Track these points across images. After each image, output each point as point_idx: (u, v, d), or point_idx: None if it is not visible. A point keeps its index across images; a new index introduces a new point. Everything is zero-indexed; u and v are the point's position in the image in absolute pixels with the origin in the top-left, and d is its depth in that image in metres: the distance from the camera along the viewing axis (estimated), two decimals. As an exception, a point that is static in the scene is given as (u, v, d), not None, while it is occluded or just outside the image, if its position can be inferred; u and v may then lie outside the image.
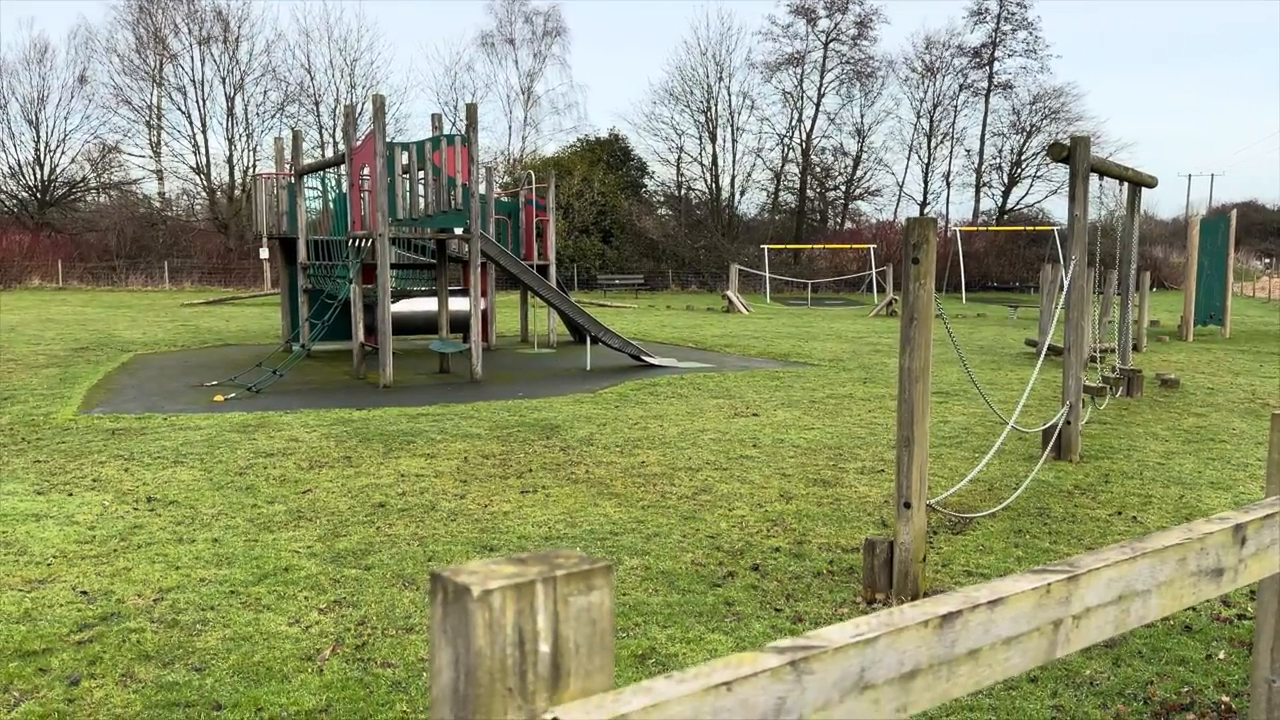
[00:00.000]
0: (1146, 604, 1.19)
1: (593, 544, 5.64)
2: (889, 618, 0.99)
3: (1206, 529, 1.27)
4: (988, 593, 1.05)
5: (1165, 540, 1.22)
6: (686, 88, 49.86)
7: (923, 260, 4.64)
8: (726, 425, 9.65)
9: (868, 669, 0.93)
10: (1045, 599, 1.08)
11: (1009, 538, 5.89)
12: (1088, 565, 1.13)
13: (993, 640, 1.04)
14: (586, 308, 30.19)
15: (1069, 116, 50.86)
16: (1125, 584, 1.16)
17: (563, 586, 0.79)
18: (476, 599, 0.75)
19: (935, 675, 0.99)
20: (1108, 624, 1.16)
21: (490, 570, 0.79)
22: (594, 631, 0.81)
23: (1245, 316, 27.99)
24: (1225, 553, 1.29)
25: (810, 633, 0.95)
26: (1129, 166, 9.69)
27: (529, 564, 0.82)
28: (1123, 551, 1.18)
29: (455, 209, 12.28)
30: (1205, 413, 10.51)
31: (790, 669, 0.88)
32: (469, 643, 0.75)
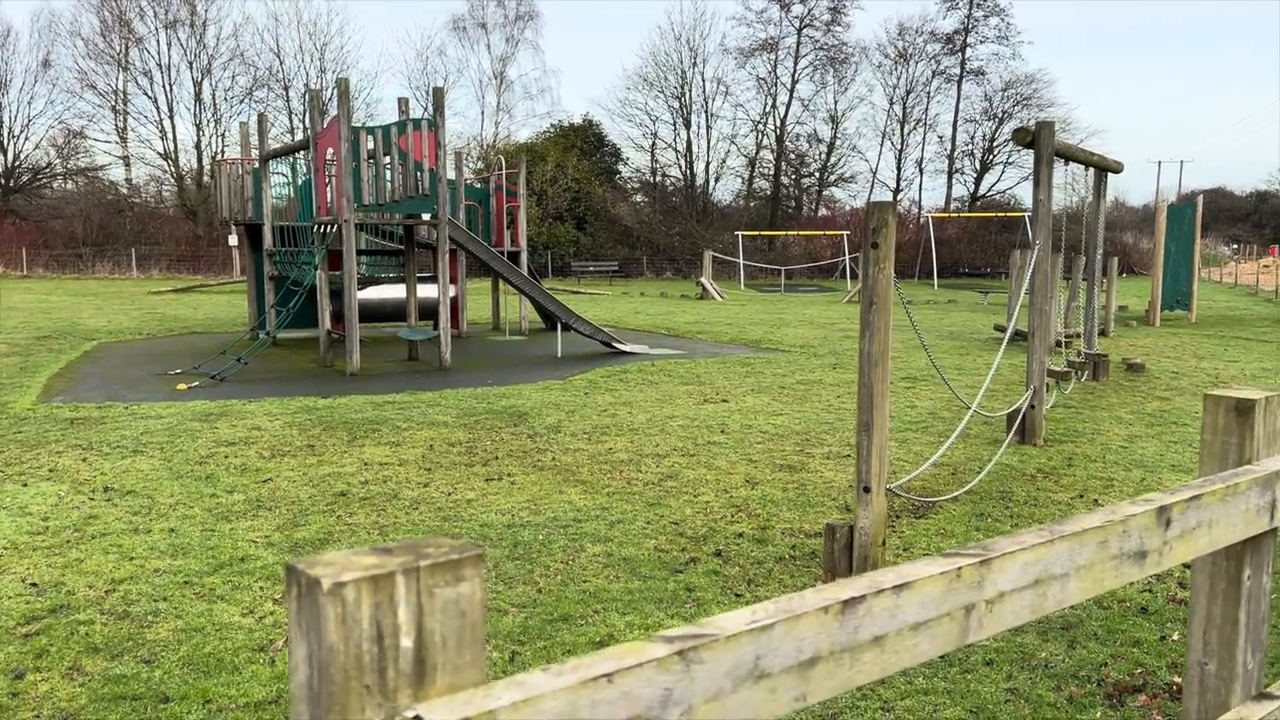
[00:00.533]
0: (1065, 588, 1.17)
1: (556, 531, 5.60)
2: (788, 603, 0.95)
3: (1129, 511, 1.25)
4: (894, 577, 1.02)
5: (1086, 523, 1.20)
6: (660, 73, 49.73)
7: (882, 244, 4.63)
8: (695, 411, 9.63)
9: (763, 657, 0.90)
10: (956, 583, 1.06)
11: (970, 521, 5.92)
12: (1002, 549, 1.10)
13: (899, 626, 1.01)
14: (560, 295, 30.09)
15: (1040, 103, 51.18)
16: (1042, 568, 1.14)
17: (427, 577, 0.75)
18: (327, 592, 0.71)
19: (837, 663, 0.96)
20: (1024, 608, 1.13)
21: (348, 561, 0.75)
22: (463, 624, 0.77)
23: (1212, 301, 28.33)
24: (1149, 535, 1.27)
25: (704, 620, 0.92)
26: (1095, 152, 9.73)
27: (394, 554, 0.78)
28: (1040, 535, 1.16)
29: (423, 194, 12.15)
30: (1169, 396, 10.61)
31: (678, 659, 0.85)
32: (321, 638, 0.71)
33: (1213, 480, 1.41)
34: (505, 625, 4.22)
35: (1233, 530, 1.42)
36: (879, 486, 4.73)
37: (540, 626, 4.21)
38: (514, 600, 4.52)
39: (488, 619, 4.29)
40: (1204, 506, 1.36)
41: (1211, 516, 1.38)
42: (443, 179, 12.02)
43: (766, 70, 51.20)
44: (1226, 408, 1.55)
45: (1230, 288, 37.70)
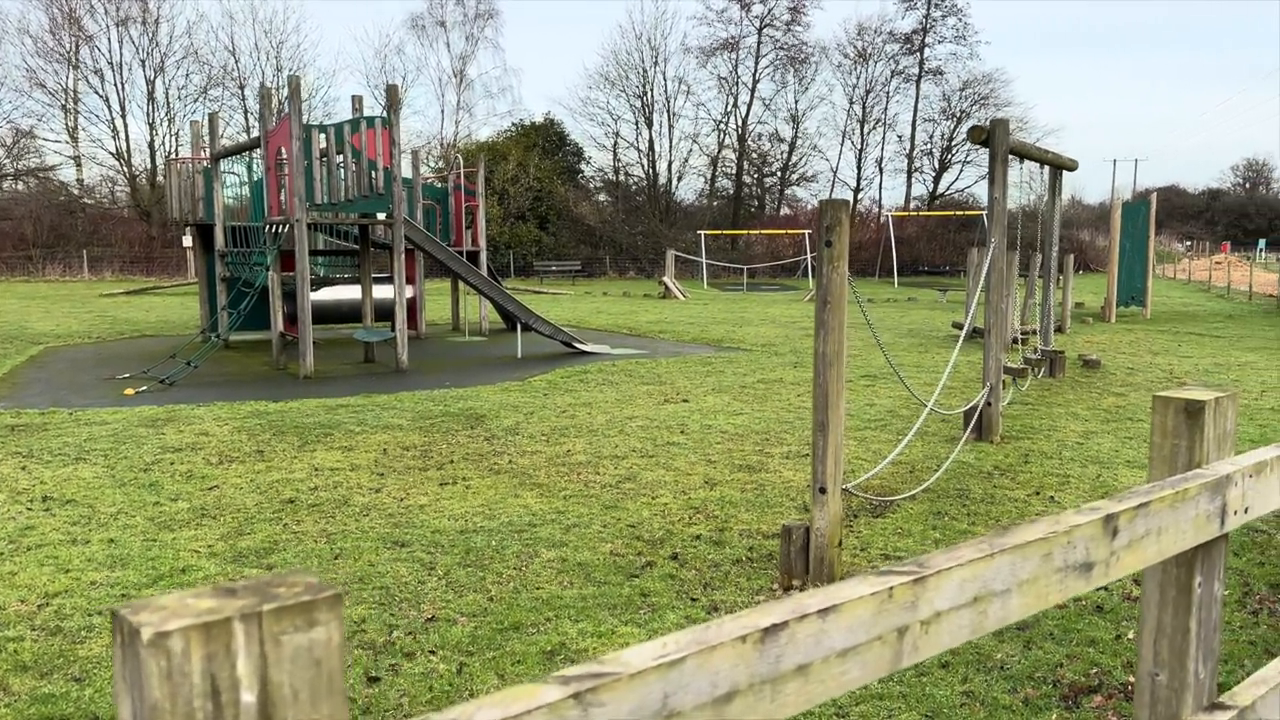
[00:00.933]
0: (1006, 605, 1.10)
1: (510, 536, 5.49)
2: (702, 633, 0.87)
3: (1074, 520, 1.18)
4: (821, 599, 0.95)
5: (1027, 534, 1.13)
6: (622, 72, 49.63)
7: (836, 243, 4.58)
8: (655, 412, 9.56)
9: (672, 695, 0.82)
10: (888, 604, 0.98)
11: (928, 520, 5.89)
12: (938, 565, 1.03)
13: (826, 653, 0.94)
14: (522, 295, 29.87)
15: (998, 102, 51.75)
16: (981, 584, 1.07)
17: (273, 623, 0.66)
18: (148, 643, 0.61)
19: (757, 696, 0.88)
20: (962, 628, 1.06)
21: (181, 605, 0.65)
22: (317, 674, 0.68)
23: (1167, 297, 28.78)
24: (1095, 545, 1.20)
25: (607, 656, 0.83)
26: (1050, 150, 9.79)
27: (237, 595, 0.68)
28: (979, 548, 1.09)
29: (377, 193, 11.96)
30: (1125, 392, 10.72)
31: (574, 702, 0.76)
32: (144, 696, 0.62)
33: (1162, 486, 1.35)
34: (454, 635, 4.11)
35: (1183, 537, 1.36)
36: (835, 487, 4.68)
37: (490, 636, 4.10)
38: (464, 609, 4.41)
39: (437, 629, 4.18)
40: (1152, 514, 1.30)
41: (1160, 524, 1.32)
42: (397, 178, 11.84)
43: (728, 70, 51.34)
44: (1176, 409, 1.50)
45: (1184, 284, 38.37)
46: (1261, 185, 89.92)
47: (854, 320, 20.90)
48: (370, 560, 5.09)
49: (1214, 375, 11.98)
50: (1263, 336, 17.04)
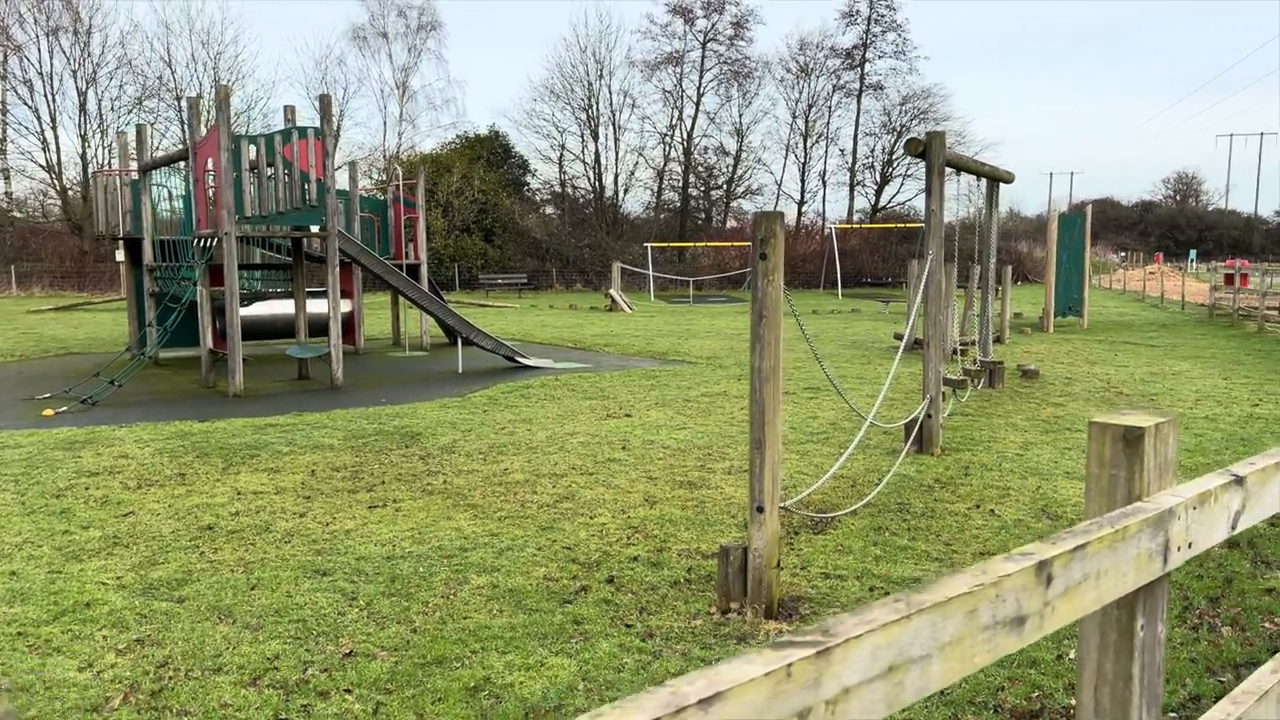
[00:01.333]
0: (926, 673, 0.96)
1: (439, 562, 5.27)
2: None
3: (1003, 570, 1.05)
4: (703, 685, 0.79)
5: (949, 589, 0.99)
6: (567, 85, 49.48)
7: (771, 256, 4.46)
8: (597, 427, 9.39)
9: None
10: (785, 685, 0.83)
11: (869, 536, 5.80)
12: (846, 632, 0.88)
13: (708, 754, 0.77)
14: (467, 308, 29.50)
15: (937, 116, 52.59)
16: (897, 651, 0.92)
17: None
18: None
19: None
20: (875, 704, 0.91)
21: None
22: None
23: (1103, 307, 29.37)
24: (1027, 597, 1.07)
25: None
26: (987, 163, 9.84)
27: None
28: (894, 609, 0.94)
29: (310, 206, 11.64)
30: (1063, 402, 10.80)
31: None
32: None
33: (1100, 524, 1.22)
34: (373, 671, 3.89)
35: (1123, 580, 1.24)
36: (772, 506, 4.55)
37: (411, 671, 3.89)
38: (385, 642, 4.19)
39: (354, 665, 3.95)
40: (1090, 557, 1.17)
41: (1099, 567, 1.19)
42: (331, 189, 11.53)
43: (672, 83, 51.48)
44: (1114, 437, 1.38)
45: (1119, 294, 39.25)
46: (1191, 198, 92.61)
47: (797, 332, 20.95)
48: (289, 591, 4.84)
49: (1149, 384, 12.15)
50: (1195, 345, 17.40)
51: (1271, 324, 20.19)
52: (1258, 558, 5.37)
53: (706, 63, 51.32)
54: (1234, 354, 15.89)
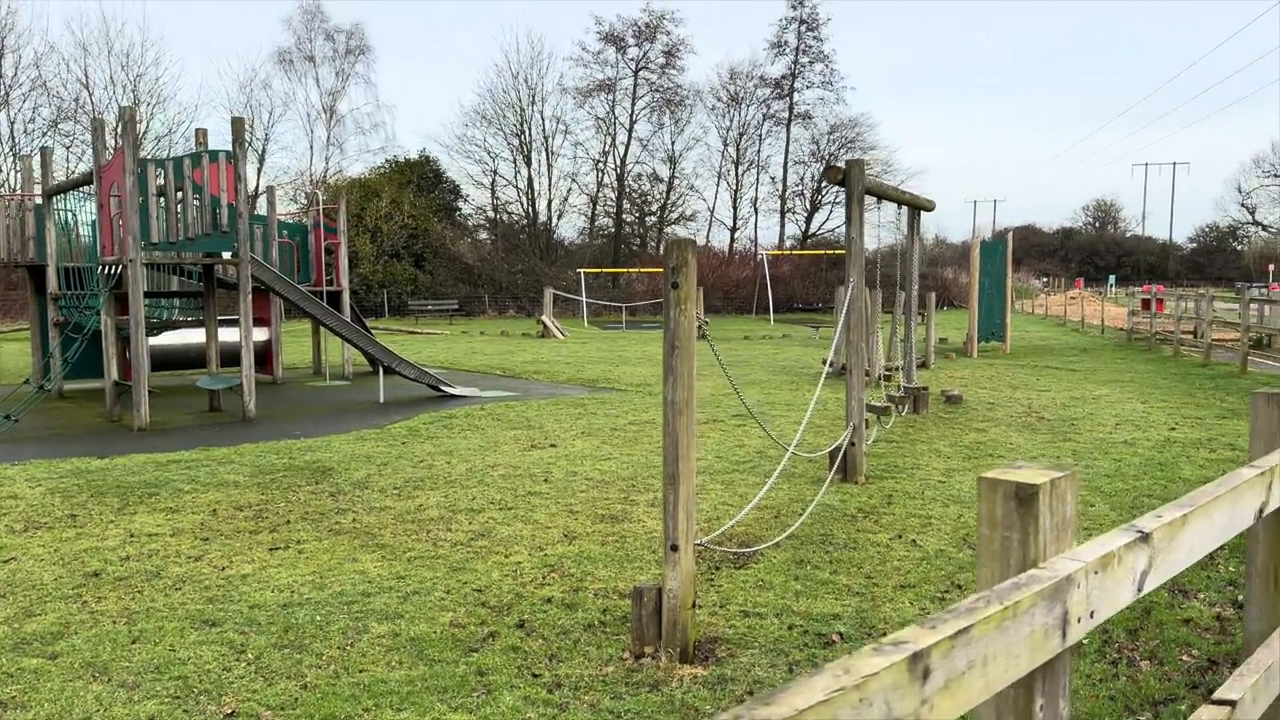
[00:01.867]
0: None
1: (338, 609, 4.98)
2: None
3: (869, 667, 0.88)
4: None
5: (800, 698, 0.82)
6: (499, 110, 49.31)
7: (683, 284, 4.32)
8: (520, 459, 9.14)
9: None
10: None
11: (790, 569, 5.66)
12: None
13: None
14: (396, 335, 28.95)
15: (864, 145, 53.65)
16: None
17: None
18: None
19: None
20: None
21: None
22: None
23: (1025, 332, 30.03)
24: (899, 697, 0.91)
25: None
26: (908, 191, 9.91)
27: None
28: (732, 733, 0.77)
29: (221, 231, 11.22)
30: (985, 428, 10.87)
31: None
32: None
33: (987, 600, 1.07)
34: (255, 734, 3.60)
35: (1015, 663, 1.09)
36: (687, 544, 4.38)
37: (297, 733, 3.61)
38: (271, 700, 3.90)
39: (235, 727, 3.66)
40: (975, 641, 1.02)
41: (986, 652, 1.04)
42: (243, 214, 11.14)
43: (605, 110, 51.69)
44: (1005, 495, 1.24)
45: (1041, 319, 40.24)
46: (1110, 224, 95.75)
47: (732, 359, 20.90)
48: (173, 644, 4.51)
49: (1070, 409, 12.33)
50: (1114, 369, 17.80)
51: (1187, 347, 20.80)
52: (1175, 587, 5.36)
53: (639, 90, 51.72)
54: (1151, 378, 16.28)
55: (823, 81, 53.70)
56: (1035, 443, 9.89)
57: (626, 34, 50.97)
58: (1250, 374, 16.55)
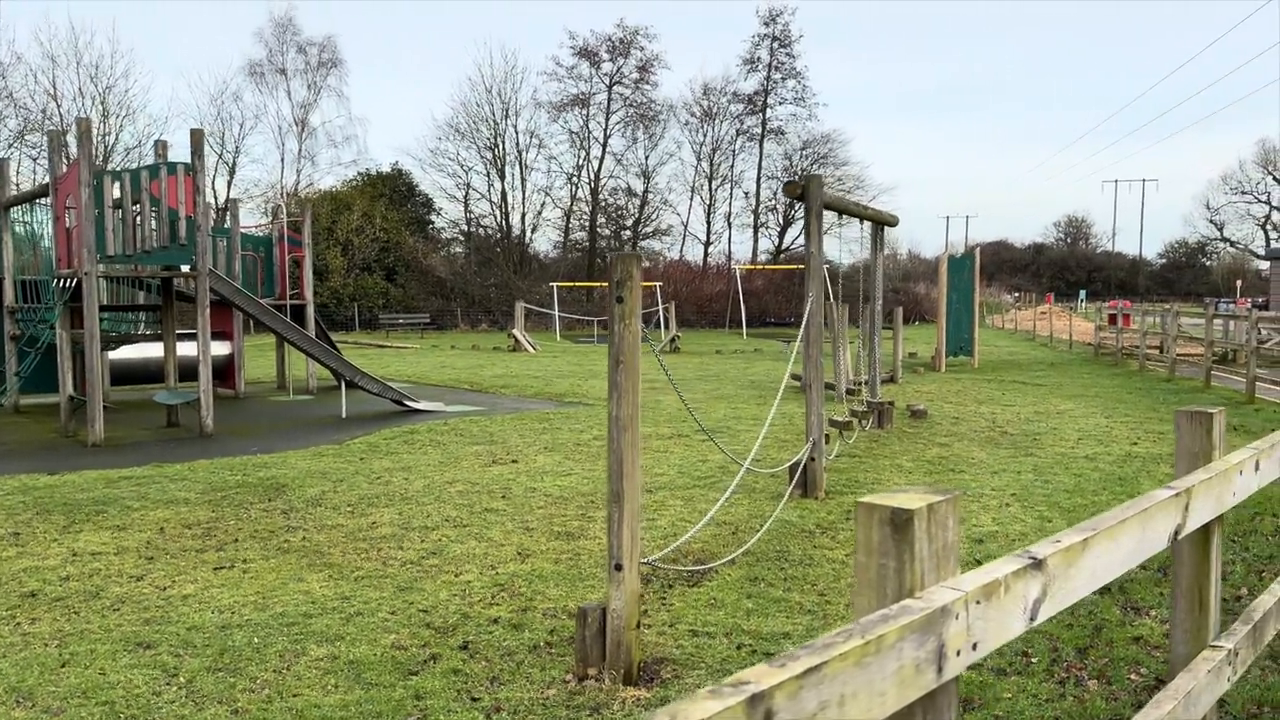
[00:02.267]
0: None
1: (278, 630, 4.86)
2: None
3: (700, 712, 0.82)
4: None
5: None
6: (472, 124, 49.21)
7: (627, 299, 4.26)
8: (480, 475, 9.04)
9: None
10: None
11: (744, 587, 5.60)
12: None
13: None
14: (365, 349, 28.72)
15: (836, 161, 54.02)
16: None
17: None
18: None
19: None
20: None
21: None
22: None
23: (995, 346, 30.22)
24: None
25: None
26: (869, 206, 9.92)
27: None
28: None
29: (179, 244, 11.06)
30: (949, 442, 10.88)
31: None
32: None
33: (848, 634, 1.01)
34: (177, 762, 3.48)
35: (881, 702, 1.03)
36: (632, 563, 4.31)
37: (221, 761, 3.50)
38: (198, 727, 3.78)
39: (158, 755, 3.54)
40: (830, 679, 0.95)
41: (844, 691, 0.98)
42: (202, 226, 10.99)
43: (579, 124, 51.73)
44: (880, 520, 1.18)
45: (1011, 333, 40.55)
46: (1081, 240, 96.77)
47: (702, 373, 20.87)
48: (103, 667, 4.38)
49: (1034, 424, 12.37)
50: (1080, 384, 17.92)
51: (1153, 362, 21.00)
52: (1128, 603, 5.34)
53: (613, 105, 51.80)
54: (1117, 392, 16.40)
55: (795, 98, 54.07)
56: (997, 457, 9.91)
57: (600, 49, 51.13)
58: (1214, 389, 16.72)
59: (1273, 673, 4.29)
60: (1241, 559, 6.14)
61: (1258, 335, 24.56)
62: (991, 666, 4.37)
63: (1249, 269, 73.89)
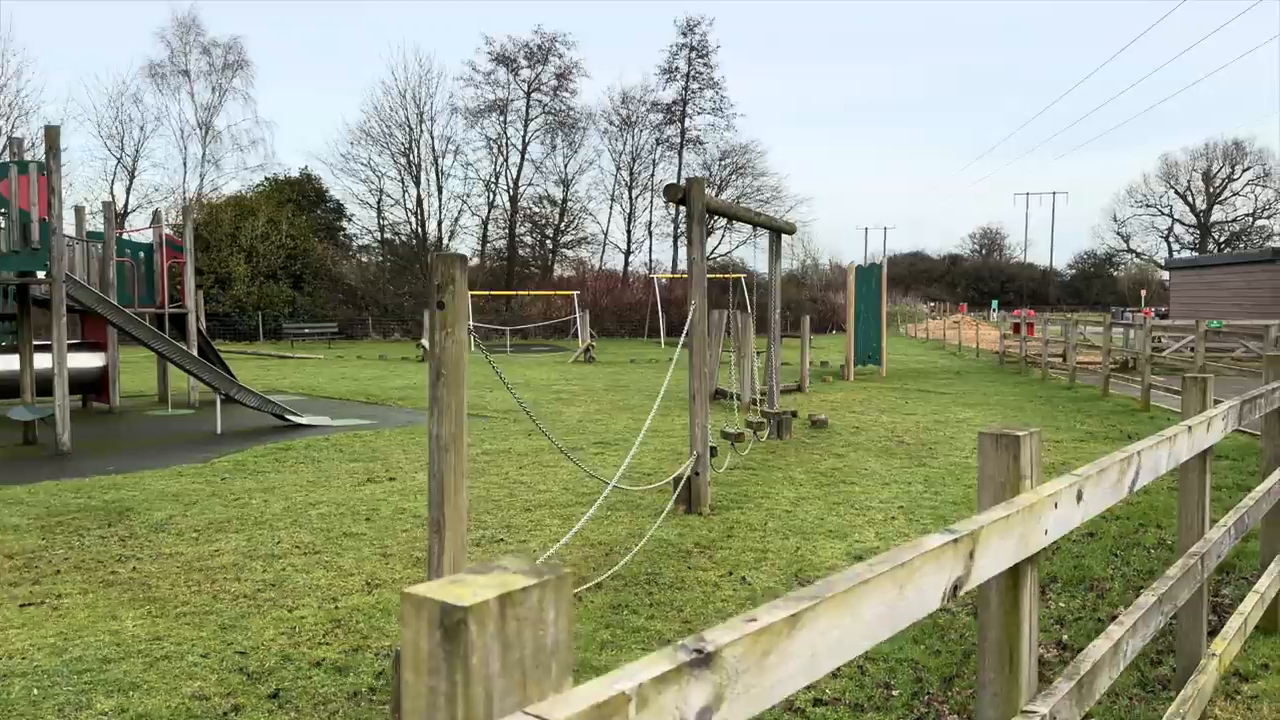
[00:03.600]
0: None
1: (67, 678, 4.30)
2: None
3: None
4: None
5: None
6: (386, 129, 48.14)
7: (449, 304, 3.85)
8: (349, 494, 8.50)
9: None
10: None
11: (604, 616, 5.22)
12: None
13: None
14: (267, 360, 27.64)
15: (754, 171, 54.38)
16: None
17: None
18: None
19: None
20: None
21: None
22: None
23: (906, 356, 30.53)
24: None
25: None
26: (761, 212, 9.67)
27: None
28: None
29: (32, 248, 10.27)
30: (845, 453, 10.68)
31: None
32: None
33: None
34: None
35: None
36: (456, 599, 3.88)
37: None
38: (-78, 806, 3.23)
39: None
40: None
41: None
42: (57, 230, 10.21)
43: (497, 131, 51.08)
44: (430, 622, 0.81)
45: (924, 343, 41.16)
46: (995, 251, 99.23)
47: (612, 383, 20.49)
48: None
49: (931, 433, 12.28)
50: (983, 392, 18.04)
51: (1055, 371, 21.32)
52: (1000, 623, 5.10)
53: (531, 112, 51.29)
54: (1017, 400, 16.52)
55: (713, 108, 54.27)
56: (891, 468, 9.73)
57: (518, 55, 50.59)
58: (1112, 396, 16.97)
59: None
60: (1121, 574, 5.99)
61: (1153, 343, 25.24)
62: (850, 701, 4.06)
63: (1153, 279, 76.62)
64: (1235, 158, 73.63)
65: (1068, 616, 5.21)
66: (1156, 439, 2.58)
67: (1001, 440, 1.81)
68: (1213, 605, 5.33)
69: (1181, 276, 35.33)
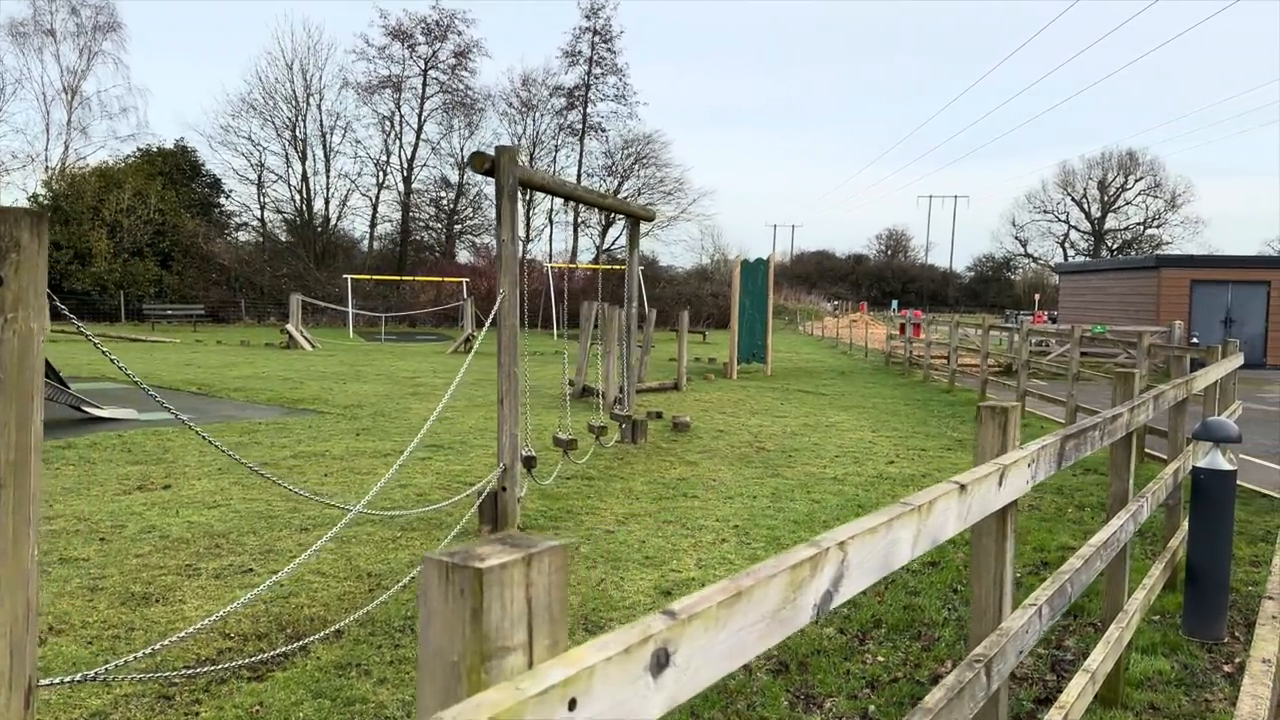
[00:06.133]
0: None
1: None
2: None
3: None
4: None
5: None
6: (270, 101, 45.66)
7: (10, 280, 2.72)
8: (103, 506, 7.23)
9: None
10: None
11: (326, 678, 4.15)
12: None
13: None
14: (117, 343, 25.51)
15: (657, 162, 53.56)
16: None
17: None
18: None
19: None
20: None
21: None
22: None
23: (797, 354, 30.07)
24: None
25: None
26: (607, 195, 8.66)
27: None
28: None
29: None
30: (698, 461, 9.80)
31: None
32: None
33: None
34: None
35: None
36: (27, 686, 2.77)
37: None
38: None
39: None
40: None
41: None
42: None
43: (390, 108, 49.02)
44: None
45: (819, 340, 40.98)
46: (900, 253, 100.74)
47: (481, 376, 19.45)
48: None
49: (797, 438, 11.51)
50: (862, 394, 17.47)
51: (937, 373, 20.99)
52: (803, 690, 4.21)
53: (428, 90, 49.40)
54: (894, 403, 15.97)
55: (616, 95, 53.16)
56: (742, 478, 8.88)
57: (415, 30, 48.58)
58: (989, 399, 16.57)
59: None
60: (957, 617, 5.19)
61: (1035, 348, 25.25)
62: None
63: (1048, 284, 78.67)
64: (1129, 167, 76.02)
65: (883, 677, 4.35)
66: (901, 508, 1.59)
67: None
68: (1052, 662, 4.55)
69: (1070, 281, 35.81)
